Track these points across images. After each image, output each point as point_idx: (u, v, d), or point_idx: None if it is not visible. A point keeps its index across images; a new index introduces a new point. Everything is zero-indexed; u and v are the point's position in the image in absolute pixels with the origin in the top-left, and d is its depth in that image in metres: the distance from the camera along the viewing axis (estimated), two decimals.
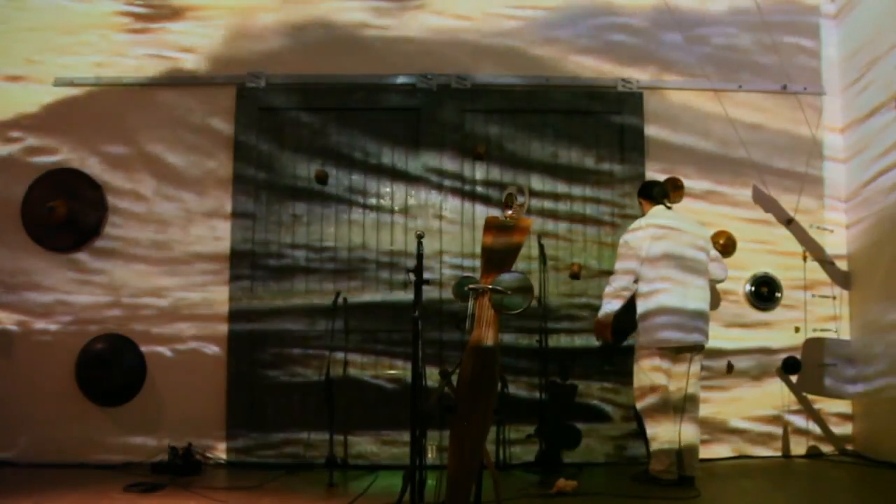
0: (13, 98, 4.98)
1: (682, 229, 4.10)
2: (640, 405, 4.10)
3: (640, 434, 4.44)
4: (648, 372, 4.04)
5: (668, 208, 4.25)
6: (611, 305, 4.10)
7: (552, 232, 4.90)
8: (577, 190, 4.98)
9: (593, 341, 4.76)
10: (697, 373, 4.12)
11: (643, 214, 4.29)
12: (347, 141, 4.98)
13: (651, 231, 4.06)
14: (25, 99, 4.98)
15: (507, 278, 2.98)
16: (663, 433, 3.98)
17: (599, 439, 4.75)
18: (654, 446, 4.02)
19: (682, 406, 4.03)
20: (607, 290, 4.12)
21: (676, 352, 4.05)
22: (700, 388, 4.20)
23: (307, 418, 4.66)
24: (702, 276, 4.11)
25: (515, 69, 5.07)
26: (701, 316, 4.06)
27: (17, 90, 4.99)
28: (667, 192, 4.36)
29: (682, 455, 3.99)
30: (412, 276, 3.36)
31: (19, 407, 4.70)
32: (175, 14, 5.07)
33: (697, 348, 4.09)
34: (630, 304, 4.12)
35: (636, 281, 4.07)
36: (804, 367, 4.87)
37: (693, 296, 4.03)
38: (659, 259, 4.01)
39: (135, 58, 5.03)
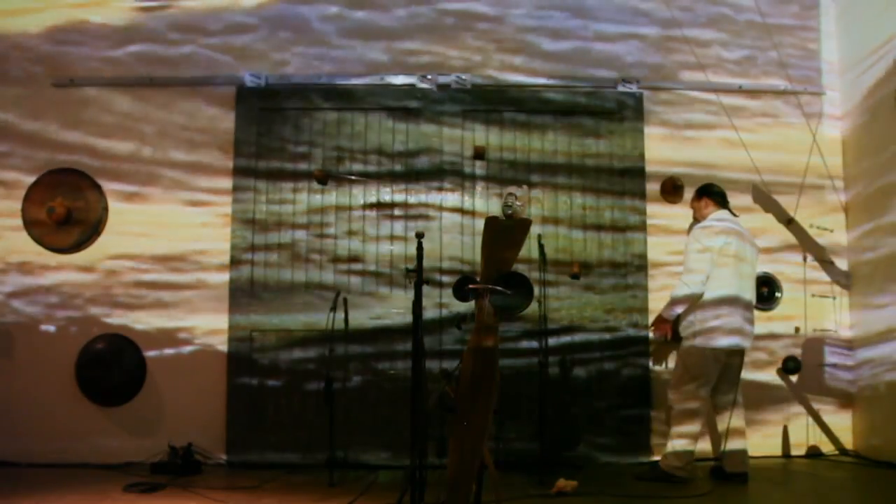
0: (13, 97, 4.99)
1: (743, 236, 4.14)
2: (677, 399, 4.07)
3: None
4: (696, 369, 4.02)
5: (735, 215, 4.26)
6: (682, 305, 4.06)
7: (552, 232, 4.90)
8: (576, 189, 4.98)
9: (593, 341, 4.79)
10: (741, 372, 4.19)
11: (700, 215, 4.27)
12: (347, 141, 4.98)
13: (722, 233, 4.06)
14: (26, 98, 4.98)
15: (507, 278, 2.98)
16: (692, 431, 4.00)
17: (599, 439, 4.75)
18: (677, 444, 4.02)
19: (731, 404, 4.10)
20: (682, 290, 4.03)
21: (728, 355, 4.07)
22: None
23: (307, 418, 4.66)
24: (752, 283, 4.17)
25: (516, 69, 5.08)
26: (752, 321, 4.13)
27: (16, 90, 4.99)
28: (726, 197, 4.31)
29: (735, 453, 4.04)
30: (412, 276, 3.36)
31: (19, 407, 4.70)
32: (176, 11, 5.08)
33: (744, 351, 4.17)
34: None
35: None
36: (804, 367, 4.87)
37: (747, 300, 4.09)
38: (725, 261, 4.01)
39: (135, 56, 5.03)
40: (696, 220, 4.33)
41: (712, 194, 4.28)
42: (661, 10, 5.14)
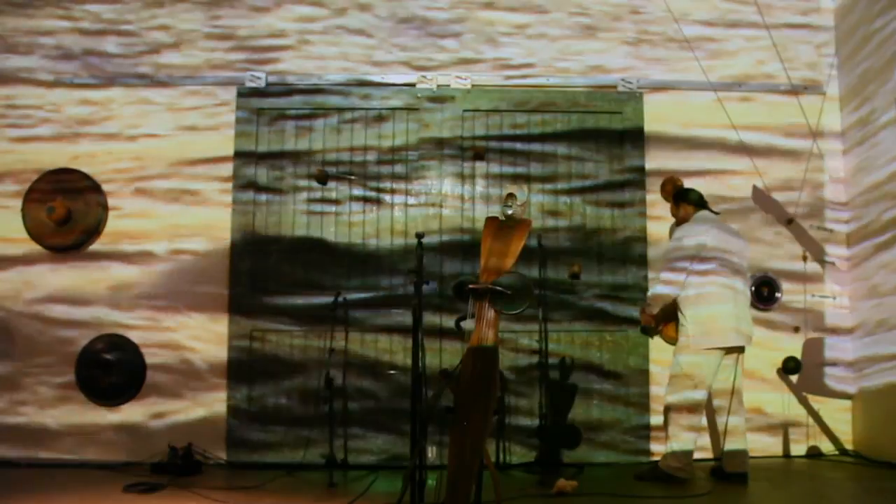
0: (13, 98, 4.99)
1: (727, 232, 4.13)
2: (673, 399, 4.05)
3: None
4: (692, 369, 4.00)
5: (716, 213, 4.24)
6: (657, 305, 4.09)
7: (552, 232, 4.90)
8: (577, 189, 4.98)
9: (593, 340, 4.80)
10: (741, 371, 4.15)
11: (681, 219, 4.26)
12: (347, 141, 4.98)
13: (704, 234, 4.04)
14: (26, 99, 4.98)
15: (507, 278, 2.98)
16: (689, 432, 3.98)
17: (599, 439, 4.75)
18: (675, 443, 4.00)
19: (729, 402, 4.06)
20: (657, 289, 4.06)
21: (726, 354, 4.06)
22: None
23: (307, 418, 4.66)
24: (746, 281, 4.15)
25: (516, 68, 5.08)
26: (749, 319, 4.11)
27: (16, 90, 4.99)
28: (704, 198, 4.29)
29: (735, 453, 4.01)
30: (412, 276, 3.36)
31: (19, 407, 4.70)
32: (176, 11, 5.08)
33: (742, 348, 4.13)
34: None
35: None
36: (804, 367, 4.87)
37: (742, 297, 4.07)
38: (712, 260, 4.00)
39: (136, 57, 5.03)
40: (678, 223, 4.34)
41: (688, 199, 4.27)
42: (661, 9, 5.14)
